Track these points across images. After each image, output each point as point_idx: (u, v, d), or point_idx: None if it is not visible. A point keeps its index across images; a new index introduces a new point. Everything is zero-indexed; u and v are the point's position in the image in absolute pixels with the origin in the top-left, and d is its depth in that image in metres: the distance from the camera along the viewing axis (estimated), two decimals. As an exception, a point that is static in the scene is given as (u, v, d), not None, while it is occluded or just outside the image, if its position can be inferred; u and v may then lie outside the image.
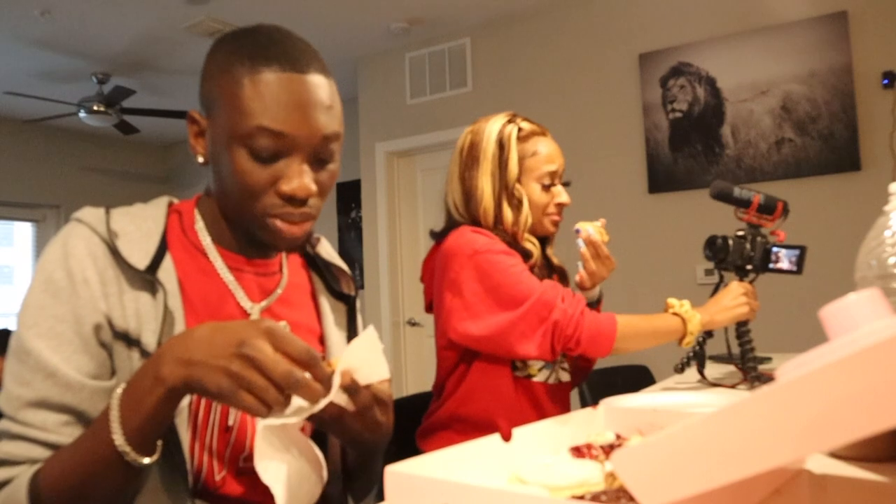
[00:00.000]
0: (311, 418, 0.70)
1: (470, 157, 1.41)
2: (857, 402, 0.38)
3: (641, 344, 1.31)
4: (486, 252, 1.30)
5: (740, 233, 1.43)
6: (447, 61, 4.03)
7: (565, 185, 1.46)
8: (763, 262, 1.42)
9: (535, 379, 1.36)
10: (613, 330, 1.27)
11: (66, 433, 0.70)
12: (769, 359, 1.68)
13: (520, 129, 1.41)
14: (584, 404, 1.91)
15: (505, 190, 1.38)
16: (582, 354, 1.30)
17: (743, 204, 1.42)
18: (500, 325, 1.27)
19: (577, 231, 1.42)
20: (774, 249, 1.42)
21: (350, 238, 4.97)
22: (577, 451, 0.67)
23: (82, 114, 4.49)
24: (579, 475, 0.57)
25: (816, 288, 2.91)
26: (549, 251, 1.52)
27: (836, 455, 0.73)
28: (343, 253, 4.96)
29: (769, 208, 1.43)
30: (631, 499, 0.48)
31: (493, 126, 1.41)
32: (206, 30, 3.76)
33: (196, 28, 3.75)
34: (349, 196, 4.85)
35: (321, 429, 0.75)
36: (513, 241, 1.37)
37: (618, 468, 0.47)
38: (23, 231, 5.82)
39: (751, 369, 1.38)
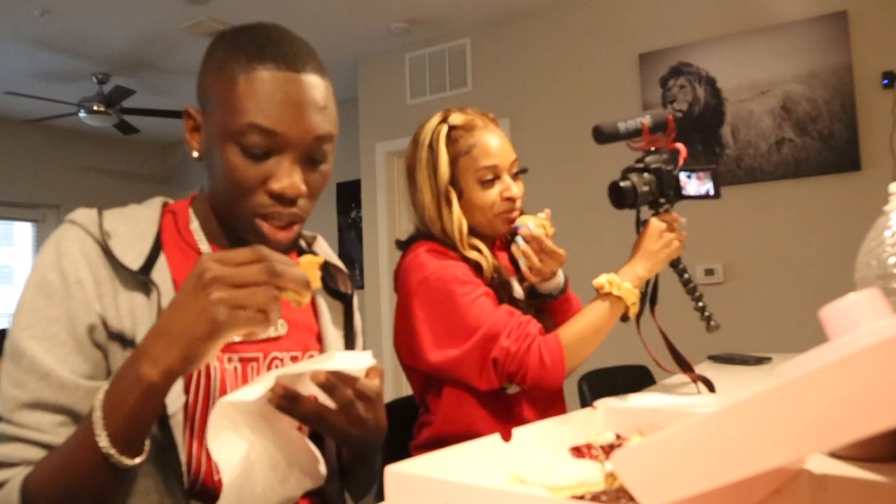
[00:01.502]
0: (295, 415, 0.69)
1: (411, 166, 1.37)
2: (857, 402, 0.38)
3: (593, 346, 1.24)
4: (435, 279, 1.24)
5: (639, 166, 1.29)
6: (447, 61, 4.03)
7: (520, 173, 1.37)
8: (676, 191, 1.29)
9: (509, 391, 1.31)
10: (561, 358, 1.20)
11: (61, 434, 0.70)
12: (769, 359, 1.68)
13: (451, 128, 1.33)
14: (583, 404, 1.91)
15: (440, 194, 1.31)
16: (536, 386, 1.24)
17: (635, 134, 1.29)
18: (447, 360, 1.23)
19: (517, 227, 1.32)
20: (684, 174, 1.29)
21: (350, 238, 4.97)
22: (577, 451, 0.67)
23: (82, 114, 4.49)
24: (579, 475, 0.57)
25: (816, 288, 2.91)
26: None
27: (836, 455, 0.73)
28: (343, 253, 4.96)
29: (661, 126, 1.30)
30: (631, 499, 0.48)
31: (427, 129, 1.35)
32: (206, 30, 3.76)
33: (196, 28, 3.75)
34: (349, 196, 4.85)
35: (308, 426, 0.75)
36: (457, 250, 1.30)
37: (618, 468, 0.47)
38: (23, 231, 5.82)
39: (708, 318, 1.28)
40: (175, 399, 0.75)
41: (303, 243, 1.00)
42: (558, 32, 3.69)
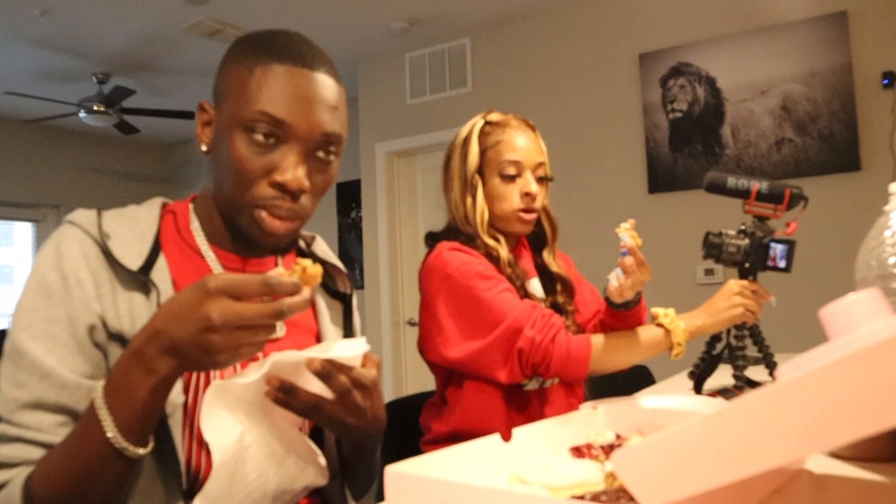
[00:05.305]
0: (293, 408, 0.70)
1: (447, 157, 1.43)
2: (857, 402, 0.38)
3: (624, 361, 1.26)
4: (458, 276, 1.27)
5: (742, 227, 1.30)
6: (447, 61, 4.03)
7: (546, 180, 1.39)
8: (761, 260, 1.28)
9: (526, 388, 1.33)
10: (587, 354, 1.21)
11: (62, 434, 0.70)
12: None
13: (487, 123, 1.39)
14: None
15: (466, 184, 1.37)
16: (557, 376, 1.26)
17: (741, 195, 1.30)
18: (471, 352, 1.25)
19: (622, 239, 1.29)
20: (772, 244, 1.27)
21: (350, 238, 4.97)
22: (577, 451, 0.67)
23: (82, 114, 4.49)
24: (579, 475, 0.57)
25: (816, 288, 2.91)
26: (548, 257, 1.45)
27: (836, 455, 0.73)
28: (343, 253, 4.96)
29: (774, 197, 1.28)
30: (631, 499, 0.48)
31: (466, 125, 1.42)
32: (206, 30, 3.75)
33: (196, 28, 3.74)
34: (349, 196, 4.85)
35: (306, 418, 0.75)
36: (478, 239, 1.34)
37: (618, 468, 0.47)
38: (23, 231, 5.82)
39: (740, 386, 1.27)
40: (174, 399, 0.75)
41: (301, 244, 1.00)
42: (558, 32, 3.68)
